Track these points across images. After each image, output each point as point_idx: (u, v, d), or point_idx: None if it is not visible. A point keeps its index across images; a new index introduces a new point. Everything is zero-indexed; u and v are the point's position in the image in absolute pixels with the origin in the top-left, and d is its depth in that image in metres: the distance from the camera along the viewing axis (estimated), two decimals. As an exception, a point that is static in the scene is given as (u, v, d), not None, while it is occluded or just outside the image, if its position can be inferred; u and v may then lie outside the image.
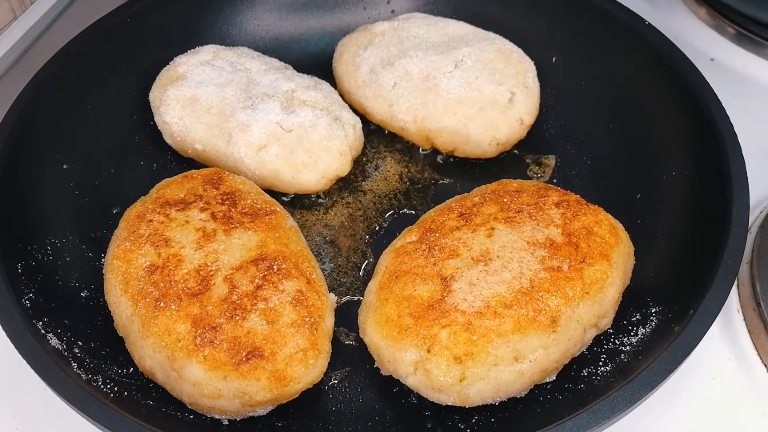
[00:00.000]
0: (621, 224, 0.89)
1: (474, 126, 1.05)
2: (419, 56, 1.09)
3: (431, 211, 0.94)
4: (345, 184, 1.08)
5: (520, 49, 1.12)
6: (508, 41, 1.13)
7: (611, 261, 0.83)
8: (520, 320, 0.78)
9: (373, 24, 1.17)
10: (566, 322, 0.79)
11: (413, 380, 0.79)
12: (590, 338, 0.83)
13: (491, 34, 1.13)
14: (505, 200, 0.89)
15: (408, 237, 0.89)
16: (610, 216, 0.89)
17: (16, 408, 0.88)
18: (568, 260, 0.82)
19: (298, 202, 1.05)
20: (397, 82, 1.08)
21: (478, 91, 1.05)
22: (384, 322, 0.80)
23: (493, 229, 0.86)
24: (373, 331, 0.81)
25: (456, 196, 0.96)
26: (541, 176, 1.08)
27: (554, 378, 0.82)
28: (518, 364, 0.78)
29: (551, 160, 1.09)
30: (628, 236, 0.89)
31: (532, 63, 1.11)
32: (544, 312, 0.78)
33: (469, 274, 0.81)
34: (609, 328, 0.85)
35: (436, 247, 0.85)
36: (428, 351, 0.77)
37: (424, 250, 0.85)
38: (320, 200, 1.06)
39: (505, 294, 0.79)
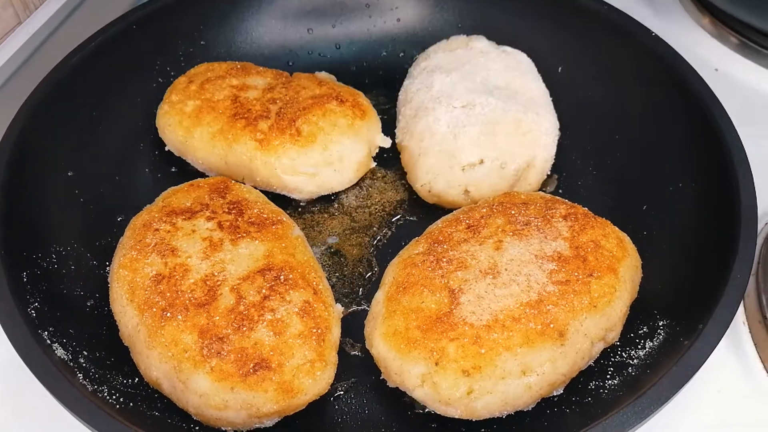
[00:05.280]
0: (628, 237, 0.89)
1: (421, 161, 1.01)
2: (452, 80, 1.05)
3: (438, 221, 0.93)
4: (350, 193, 1.07)
5: (551, 139, 1.02)
6: (551, 119, 1.04)
7: (618, 274, 0.83)
8: (528, 333, 0.78)
9: (475, 39, 1.14)
10: (574, 336, 0.79)
11: (420, 393, 0.79)
12: (598, 351, 0.83)
13: (546, 109, 1.05)
14: (512, 212, 0.89)
15: (415, 248, 0.89)
16: (617, 229, 0.89)
17: (21, 418, 0.88)
18: (575, 274, 0.82)
19: (303, 211, 1.05)
20: (420, 88, 1.08)
21: (453, 135, 1.00)
22: (392, 334, 0.80)
23: (501, 241, 0.86)
24: (381, 343, 0.81)
25: (463, 207, 0.95)
26: (547, 187, 1.07)
27: (561, 391, 0.82)
28: (526, 378, 0.77)
29: (554, 177, 1.08)
30: (635, 249, 0.88)
31: (545, 150, 1.01)
32: (551, 325, 0.78)
33: (477, 286, 0.81)
34: (616, 341, 0.85)
35: (444, 259, 0.85)
36: (436, 364, 0.77)
37: (432, 261, 0.85)
38: (325, 209, 1.06)
39: (513, 307, 0.79)
